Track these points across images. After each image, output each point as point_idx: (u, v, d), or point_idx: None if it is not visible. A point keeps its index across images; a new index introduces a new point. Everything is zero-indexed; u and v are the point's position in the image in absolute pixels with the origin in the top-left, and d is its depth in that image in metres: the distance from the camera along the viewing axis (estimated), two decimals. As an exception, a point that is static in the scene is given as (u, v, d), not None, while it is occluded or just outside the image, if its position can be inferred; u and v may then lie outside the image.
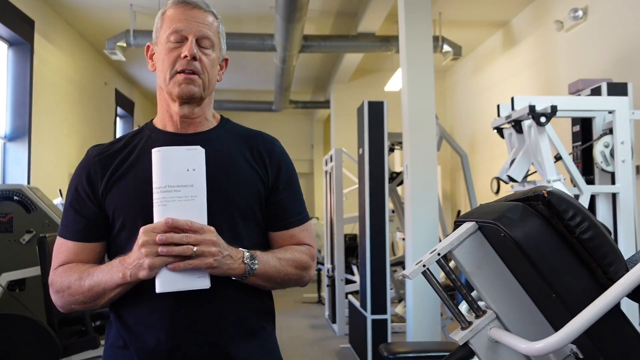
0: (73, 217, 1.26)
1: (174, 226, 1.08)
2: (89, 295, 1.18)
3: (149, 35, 6.05)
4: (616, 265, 1.05)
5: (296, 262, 1.28)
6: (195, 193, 1.11)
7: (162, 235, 1.07)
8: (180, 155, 1.12)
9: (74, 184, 1.29)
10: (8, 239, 4.09)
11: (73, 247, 1.25)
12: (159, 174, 1.11)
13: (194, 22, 1.25)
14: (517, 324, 1.18)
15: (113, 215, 1.24)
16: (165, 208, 1.10)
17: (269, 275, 1.21)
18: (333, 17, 6.44)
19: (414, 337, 4.20)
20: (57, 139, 6.34)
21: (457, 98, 8.44)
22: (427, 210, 4.27)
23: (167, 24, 1.26)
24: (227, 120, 1.38)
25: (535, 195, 1.12)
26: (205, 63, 1.26)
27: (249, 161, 1.29)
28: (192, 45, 1.23)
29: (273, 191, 1.30)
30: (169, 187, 1.10)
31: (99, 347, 3.34)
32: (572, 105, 3.28)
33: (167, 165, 1.11)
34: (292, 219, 1.32)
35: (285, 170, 1.33)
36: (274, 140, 1.37)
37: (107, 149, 1.30)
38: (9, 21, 5.11)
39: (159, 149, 1.12)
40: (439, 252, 1.21)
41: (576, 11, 4.93)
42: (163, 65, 1.26)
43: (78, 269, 1.21)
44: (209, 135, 1.30)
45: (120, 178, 1.25)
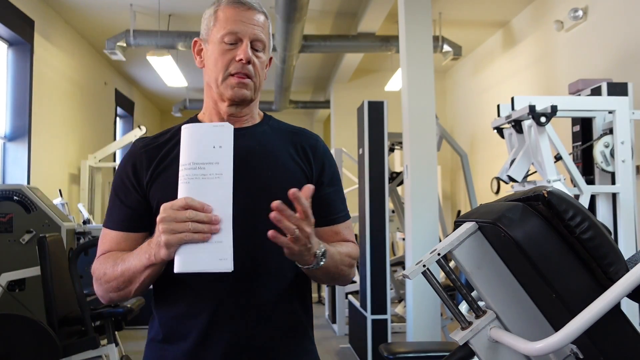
0: (118, 207, 1.27)
1: (189, 206, 1.05)
2: (121, 280, 1.17)
3: (149, 35, 6.06)
4: (616, 265, 1.05)
5: (350, 259, 1.29)
6: (220, 171, 1.07)
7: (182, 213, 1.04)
8: (206, 132, 1.09)
9: (119, 174, 1.29)
10: (8, 239, 4.10)
11: (116, 237, 1.26)
12: (185, 151, 1.09)
13: (249, 24, 1.25)
14: (517, 324, 1.18)
15: (157, 206, 1.23)
16: (188, 186, 1.07)
17: (328, 269, 1.20)
18: (333, 17, 6.44)
19: (414, 337, 4.20)
20: (57, 139, 6.34)
21: (457, 98, 8.44)
22: (427, 210, 4.27)
23: (222, 24, 1.25)
24: (270, 117, 1.38)
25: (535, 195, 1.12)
26: (257, 66, 1.26)
27: (292, 156, 1.30)
28: (248, 49, 1.24)
29: (317, 187, 1.28)
30: (193, 165, 1.07)
31: (99, 347, 3.34)
32: (572, 105, 3.28)
33: (193, 142, 1.08)
34: (337, 215, 1.33)
35: (329, 166, 1.34)
36: (316, 137, 1.37)
37: (153, 141, 1.31)
38: (9, 21, 5.11)
39: (187, 126, 1.10)
40: (439, 252, 1.21)
41: (576, 11, 4.93)
42: (216, 66, 1.26)
43: (115, 255, 1.21)
44: (254, 130, 1.32)
45: (165, 170, 1.26)
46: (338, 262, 1.23)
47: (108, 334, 3.53)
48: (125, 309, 3.56)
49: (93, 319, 3.46)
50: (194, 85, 9.09)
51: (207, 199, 1.06)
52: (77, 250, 3.72)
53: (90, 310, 3.44)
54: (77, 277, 3.43)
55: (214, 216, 1.04)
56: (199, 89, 9.65)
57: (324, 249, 1.16)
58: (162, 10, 6.05)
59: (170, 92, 9.58)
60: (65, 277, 3.49)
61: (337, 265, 1.23)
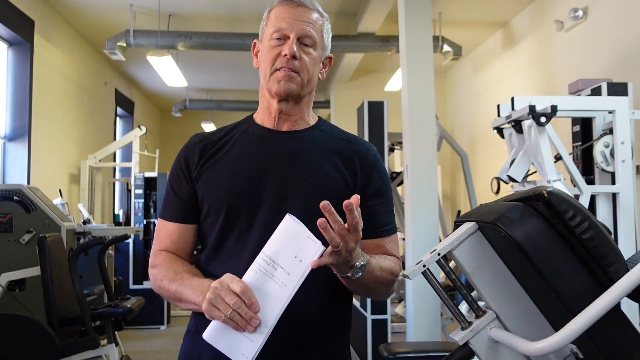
0: (172, 199, 1.31)
1: (244, 296, 1.06)
2: (172, 297, 1.22)
3: (149, 35, 6.06)
4: (616, 265, 1.05)
5: (390, 275, 1.26)
6: (287, 282, 1.07)
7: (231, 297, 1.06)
8: (299, 237, 1.07)
9: (174, 167, 1.33)
10: (8, 239, 4.09)
11: (172, 228, 1.30)
12: (273, 241, 1.09)
13: (297, 20, 1.25)
14: (517, 324, 1.18)
15: (202, 200, 1.28)
16: (255, 275, 1.08)
17: (365, 283, 1.18)
18: (333, 17, 6.44)
19: (414, 337, 4.20)
20: (57, 139, 6.34)
21: (457, 98, 8.44)
22: (427, 210, 4.27)
23: (272, 22, 1.28)
24: (324, 121, 1.38)
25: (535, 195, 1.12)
26: (305, 62, 1.26)
27: (336, 164, 1.28)
28: (292, 44, 1.24)
29: (361, 198, 1.25)
30: (270, 260, 1.08)
31: (99, 347, 3.34)
32: (572, 105, 3.28)
33: (284, 238, 1.08)
34: (381, 229, 1.30)
35: (377, 178, 1.31)
36: (369, 147, 1.34)
37: (208, 137, 1.34)
38: (9, 21, 5.11)
39: (290, 218, 1.08)
40: (439, 252, 1.21)
41: (576, 11, 4.93)
42: (264, 63, 1.28)
43: (176, 267, 1.24)
44: (304, 134, 1.31)
45: (213, 165, 1.29)
46: (377, 278, 1.21)
47: (108, 334, 3.53)
48: (125, 309, 3.56)
49: (93, 319, 3.46)
50: (194, 85, 9.09)
51: (261, 297, 1.07)
52: (77, 250, 3.72)
53: (90, 310, 3.44)
54: (77, 277, 3.43)
55: (256, 317, 1.06)
56: (199, 89, 9.65)
57: (363, 262, 1.13)
58: (162, 10, 6.05)
59: (170, 92, 9.57)
60: (65, 277, 3.49)
61: (376, 281, 1.21)
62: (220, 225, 1.25)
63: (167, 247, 1.30)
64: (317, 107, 10.18)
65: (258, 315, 1.06)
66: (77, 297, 3.39)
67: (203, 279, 1.19)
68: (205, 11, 6.26)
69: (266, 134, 1.31)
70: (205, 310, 1.08)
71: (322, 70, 1.34)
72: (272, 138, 1.30)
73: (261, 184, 1.25)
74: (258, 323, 1.06)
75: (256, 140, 1.30)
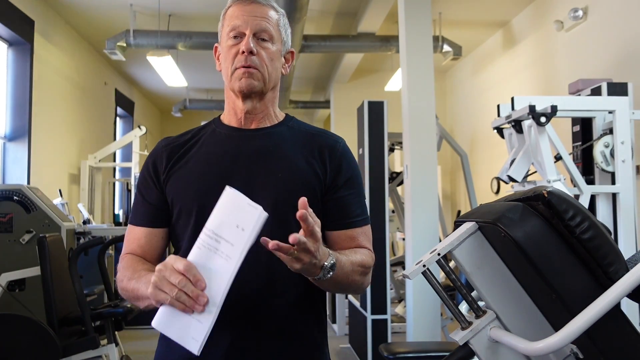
0: (141, 204, 1.31)
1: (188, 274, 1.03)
2: (131, 295, 1.20)
3: (149, 35, 6.06)
4: (616, 265, 1.05)
5: (364, 269, 1.24)
6: (231, 254, 1.03)
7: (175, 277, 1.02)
8: (240, 207, 1.04)
9: (142, 172, 1.34)
10: (8, 239, 4.09)
11: (139, 233, 1.30)
12: (214, 215, 1.05)
13: (251, 16, 1.26)
14: (517, 324, 1.18)
15: (172, 202, 1.28)
16: (199, 252, 1.05)
17: (338, 280, 1.16)
18: (333, 17, 6.44)
19: (414, 337, 4.20)
20: (57, 139, 6.34)
21: (457, 98, 8.44)
22: (427, 210, 4.27)
23: (227, 22, 1.29)
24: (291, 118, 1.38)
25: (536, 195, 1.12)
26: (263, 57, 1.26)
27: (307, 159, 1.28)
28: (249, 40, 1.24)
29: (331, 189, 1.28)
30: (212, 233, 1.04)
31: (99, 347, 3.34)
32: (572, 105, 3.28)
33: (225, 210, 1.05)
34: (353, 219, 1.28)
35: (347, 168, 1.30)
36: (337, 138, 1.34)
37: (176, 140, 1.34)
38: (9, 21, 5.11)
39: (230, 190, 1.06)
40: (439, 252, 1.21)
41: (576, 11, 4.93)
42: (225, 63, 1.29)
43: (134, 265, 1.23)
44: (271, 131, 1.32)
45: (181, 167, 1.29)
46: (349, 273, 1.19)
47: (108, 334, 3.53)
48: (125, 309, 3.56)
49: (93, 319, 3.46)
50: (194, 85, 9.08)
51: (207, 274, 1.03)
52: (77, 250, 3.72)
53: (90, 310, 3.44)
54: (77, 277, 3.43)
55: (202, 295, 1.01)
56: (198, 89, 9.65)
57: (333, 261, 1.12)
58: (162, 10, 6.05)
59: (170, 92, 9.57)
60: (65, 277, 3.49)
61: (348, 276, 1.19)
62: (192, 226, 1.24)
63: (133, 251, 1.29)
64: (317, 107, 10.18)
65: (205, 293, 1.02)
66: (77, 297, 3.39)
67: None
68: (205, 11, 6.25)
69: (234, 133, 1.31)
70: (151, 294, 1.03)
71: (284, 65, 1.35)
72: (240, 136, 1.30)
73: (231, 182, 1.22)
74: (206, 301, 1.01)
75: (224, 140, 1.30)
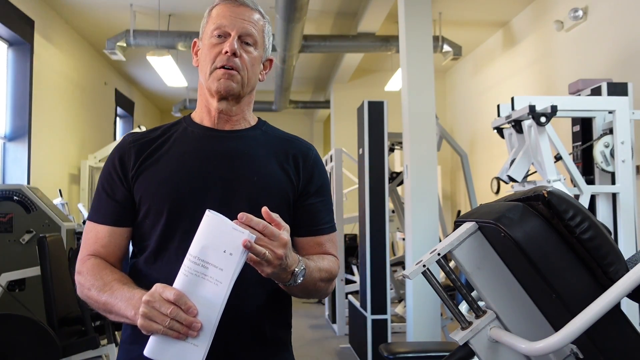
0: (105, 201, 1.25)
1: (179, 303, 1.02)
2: (102, 309, 1.17)
3: (149, 35, 6.06)
4: (616, 265, 1.05)
5: (329, 275, 1.26)
6: (221, 279, 1.02)
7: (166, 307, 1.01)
8: (225, 232, 1.02)
9: (106, 167, 1.28)
10: (8, 239, 4.09)
11: (103, 232, 1.24)
12: (197, 241, 1.03)
13: (238, 18, 1.26)
14: (517, 324, 1.18)
15: (140, 201, 1.24)
16: (186, 279, 1.03)
17: (306, 286, 1.17)
18: (333, 17, 6.44)
19: (414, 337, 4.20)
20: (57, 139, 6.34)
21: (457, 98, 8.43)
22: (427, 210, 4.27)
23: (213, 20, 1.27)
24: (264, 122, 1.37)
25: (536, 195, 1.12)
26: (245, 60, 1.25)
27: (281, 164, 1.28)
28: (233, 41, 1.24)
29: (303, 196, 1.29)
30: (198, 260, 1.03)
31: (99, 347, 3.34)
32: (572, 105, 3.28)
33: (209, 236, 1.03)
34: (321, 226, 1.30)
35: (318, 176, 1.31)
36: (309, 146, 1.36)
37: (144, 136, 1.30)
38: (9, 21, 5.11)
39: (211, 214, 1.04)
40: (439, 252, 1.21)
41: (576, 11, 4.93)
42: (204, 61, 1.27)
43: (104, 276, 1.18)
44: (245, 134, 1.30)
45: (151, 165, 1.25)
46: (316, 279, 1.20)
47: (108, 334, 3.53)
48: (125, 309, 3.56)
49: (93, 319, 3.46)
50: (193, 85, 9.07)
51: (198, 300, 1.03)
52: (77, 250, 3.72)
53: (90, 310, 3.44)
54: (77, 277, 3.43)
55: (196, 321, 1.01)
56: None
57: (303, 267, 1.13)
58: (162, 10, 6.05)
59: (170, 92, 9.57)
60: (65, 277, 3.49)
61: (316, 282, 1.20)
62: (162, 227, 1.21)
63: (96, 251, 1.24)
64: (317, 107, 10.18)
65: (198, 318, 1.02)
66: (77, 297, 3.39)
67: (133, 289, 1.13)
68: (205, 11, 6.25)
69: (207, 133, 1.28)
70: (142, 326, 1.02)
71: (262, 72, 1.33)
72: (214, 137, 1.28)
73: (204, 183, 1.23)
74: (199, 326, 1.01)
75: (197, 139, 1.28)
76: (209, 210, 1.04)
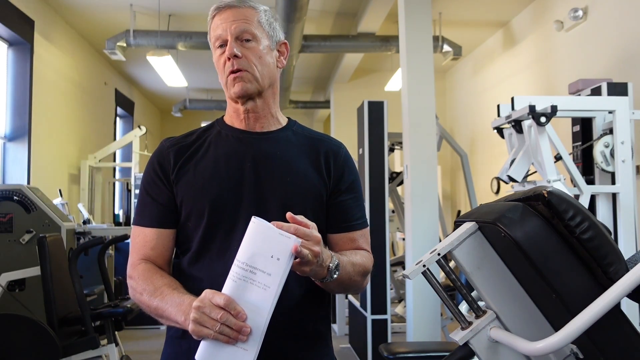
0: (150, 204, 1.29)
1: (229, 308, 1.04)
2: (153, 313, 1.21)
3: (149, 35, 6.07)
4: (616, 265, 1.05)
5: (364, 269, 1.29)
6: (269, 283, 1.05)
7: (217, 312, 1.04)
8: (271, 237, 1.05)
9: (148, 172, 1.32)
10: (8, 239, 4.09)
11: (150, 234, 1.28)
12: (244, 247, 1.06)
13: (229, 22, 1.28)
14: (517, 324, 1.18)
15: (181, 204, 1.28)
16: (234, 285, 1.06)
17: (342, 281, 1.20)
18: (333, 17, 6.44)
19: (414, 337, 4.20)
20: (57, 139, 6.34)
21: (457, 98, 8.44)
22: (427, 210, 4.27)
23: (212, 34, 1.31)
24: (294, 122, 1.40)
25: (536, 195, 1.12)
26: (250, 57, 1.27)
27: (313, 164, 1.31)
28: (231, 45, 1.26)
29: (335, 193, 1.31)
30: (246, 266, 1.05)
31: (99, 347, 3.34)
32: (572, 105, 3.28)
33: (255, 242, 1.06)
34: (354, 222, 1.33)
35: (349, 173, 1.35)
36: (339, 144, 1.39)
37: (180, 141, 1.34)
38: (9, 21, 5.11)
39: (257, 220, 1.07)
40: (439, 252, 1.21)
41: (576, 11, 4.93)
42: (219, 73, 1.31)
43: (155, 281, 1.22)
44: (277, 135, 1.33)
45: (190, 169, 1.29)
46: (351, 273, 1.23)
47: (108, 334, 3.53)
48: (125, 309, 3.56)
49: (93, 319, 3.46)
50: (194, 85, 9.08)
51: (246, 305, 1.05)
52: (77, 250, 3.72)
53: (90, 310, 3.44)
54: (77, 277, 3.43)
55: (245, 326, 1.04)
56: (199, 89, 9.65)
57: (337, 262, 1.16)
58: (162, 10, 6.05)
59: (170, 92, 9.57)
60: (65, 277, 3.48)
61: (351, 277, 1.23)
62: (203, 228, 1.25)
63: (146, 255, 1.28)
64: (317, 107, 10.18)
65: (247, 322, 1.04)
66: (77, 297, 3.39)
67: (183, 294, 1.17)
68: (205, 11, 6.18)
69: (240, 135, 1.32)
70: (193, 331, 1.05)
71: (279, 58, 1.36)
72: (247, 139, 1.31)
73: (241, 185, 1.27)
74: (249, 331, 1.04)
75: (231, 143, 1.31)
76: (255, 217, 1.07)
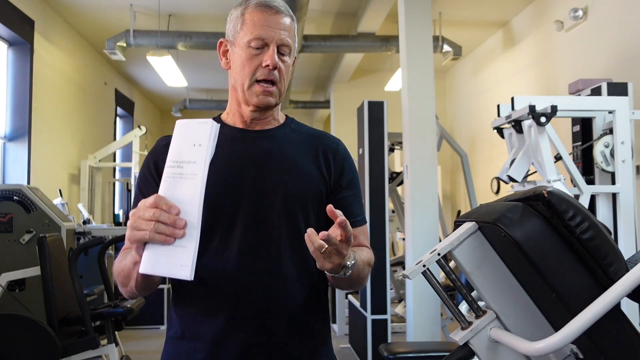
0: None
1: (160, 204, 1.02)
2: (122, 276, 1.18)
3: (149, 35, 6.06)
4: (616, 265, 1.05)
5: (369, 266, 1.29)
6: (196, 171, 1.03)
7: (149, 212, 1.02)
8: (192, 129, 1.07)
9: (143, 171, 1.32)
10: (8, 239, 4.09)
11: None
12: (171, 148, 1.08)
13: (276, 29, 1.25)
14: (517, 324, 1.18)
15: None
16: (165, 184, 1.06)
17: (352, 278, 1.19)
18: (333, 17, 6.44)
19: (414, 337, 4.20)
20: (57, 139, 6.34)
21: (457, 98, 8.43)
22: (427, 210, 4.27)
23: (249, 28, 1.25)
24: (292, 119, 1.39)
25: (536, 195, 1.12)
26: (283, 71, 1.27)
27: (312, 160, 1.31)
28: (274, 55, 1.24)
29: (334, 190, 1.31)
30: (174, 163, 1.06)
31: (99, 347, 3.34)
32: (572, 105, 3.28)
33: (179, 139, 1.07)
34: (355, 219, 1.32)
35: (349, 170, 1.35)
36: (338, 141, 1.38)
37: None
38: (9, 21, 5.11)
39: (179, 122, 1.09)
40: (439, 252, 1.21)
41: (576, 11, 4.93)
42: (242, 71, 1.26)
43: (127, 252, 1.20)
44: (275, 133, 1.33)
45: None
46: (360, 270, 1.24)
47: (108, 334, 3.53)
48: (125, 309, 3.56)
49: (93, 319, 3.46)
50: (194, 85, 9.08)
51: (178, 199, 1.03)
52: (77, 250, 3.72)
53: (90, 310, 3.44)
54: (77, 277, 3.43)
55: (178, 219, 1.01)
56: (198, 89, 9.64)
57: (353, 261, 1.15)
58: (162, 10, 6.05)
59: (170, 92, 9.57)
60: (65, 277, 3.49)
61: (359, 274, 1.24)
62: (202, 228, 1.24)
63: None
64: (317, 107, 10.18)
65: (181, 216, 1.02)
66: (77, 297, 3.39)
67: None
68: (205, 11, 6.25)
69: (238, 134, 1.31)
70: (129, 238, 1.03)
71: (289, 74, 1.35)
72: (246, 138, 1.30)
73: (239, 184, 1.25)
74: (184, 223, 1.01)
75: (230, 141, 1.29)
76: (178, 120, 1.09)
